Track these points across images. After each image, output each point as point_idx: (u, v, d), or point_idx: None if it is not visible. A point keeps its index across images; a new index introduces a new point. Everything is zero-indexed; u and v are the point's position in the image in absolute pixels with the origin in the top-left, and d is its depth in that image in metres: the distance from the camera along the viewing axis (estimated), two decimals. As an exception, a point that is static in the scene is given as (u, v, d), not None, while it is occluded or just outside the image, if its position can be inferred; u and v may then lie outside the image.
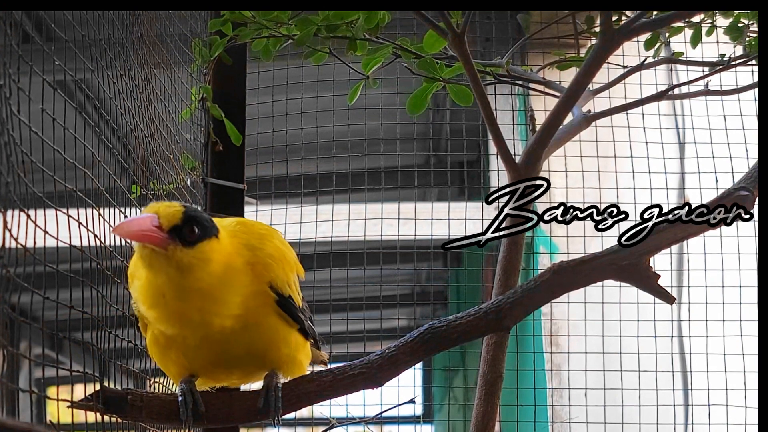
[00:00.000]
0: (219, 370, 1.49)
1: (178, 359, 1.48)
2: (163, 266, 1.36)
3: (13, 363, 1.25)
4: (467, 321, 1.47)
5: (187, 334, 1.43)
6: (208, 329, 1.42)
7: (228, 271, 1.42)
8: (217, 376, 1.51)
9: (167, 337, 1.46)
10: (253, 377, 1.54)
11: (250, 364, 1.50)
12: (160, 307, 1.40)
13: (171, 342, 1.46)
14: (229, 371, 1.50)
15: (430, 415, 5.37)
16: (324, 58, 1.82)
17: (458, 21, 1.56)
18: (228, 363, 1.48)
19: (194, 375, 1.50)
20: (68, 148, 1.43)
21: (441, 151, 4.14)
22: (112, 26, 1.78)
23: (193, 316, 1.40)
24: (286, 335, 1.52)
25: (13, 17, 1.25)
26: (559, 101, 1.65)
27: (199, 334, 1.42)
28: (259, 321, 1.47)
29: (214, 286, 1.40)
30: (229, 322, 1.42)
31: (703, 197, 2.96)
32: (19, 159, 1.24)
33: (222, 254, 1.41)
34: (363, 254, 3.25)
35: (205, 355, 1.46)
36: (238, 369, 1.50)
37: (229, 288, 1.43)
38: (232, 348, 1.45)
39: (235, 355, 1.46)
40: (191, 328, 1.42)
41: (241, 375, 1.53)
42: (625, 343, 2.98)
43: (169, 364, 1.50)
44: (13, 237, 1.19)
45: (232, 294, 1.43)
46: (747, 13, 1.93)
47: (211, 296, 1.40)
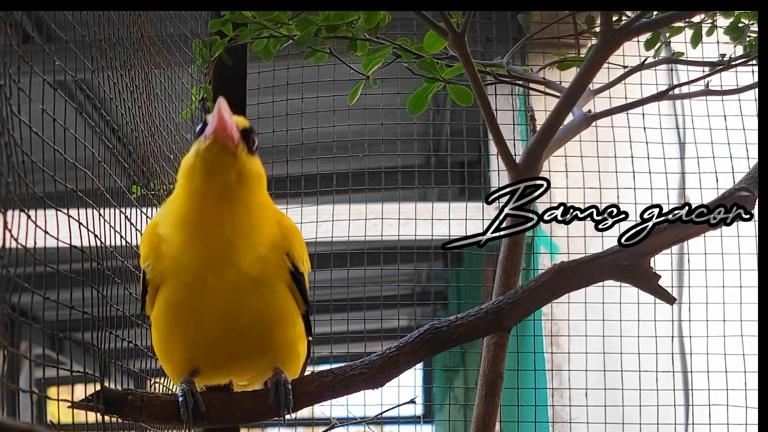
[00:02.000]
0: (223, 352, 1.46)
1: (182, 339, 1.45)
2: (226, 168, 1.38)
3: (13, 363, 1.25)
4: (468, 321, 1.47)
5: (207, 273, 1.41)
6: (229, 268, 1.41)
7: (267, 200, 1.48)
8: (219, 361, 1.47)
9: (176, 307, 1.44)
10: (254, 368, 1.51)
11: (254, 345, 1.46)
12: (195, 221, 1.40)
13: (178, 313, 1.44)
14: (233, 355, 1.46)
15: (431, 416, 5.37)
16: (324, 58, 1.82)
17: (458, 21, 1.56)
18: (234, 338, 1.44)
19: (195, 371, 1.49)
20: (68, 148, 1.44)
21: (441, 152, 4.14)
22: (112, 26, 1.78)
23: (226, 237, 1.40)
24: (294, 315, 1.51)
25: (13, 17, 1.25)
26: (560, 101, 1.65)
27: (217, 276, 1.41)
28: (273, 285, 1.46)
29: (257, 204, 1.44)
30: (251, 262, 1.42)
31: (704, 197, 2.96)
32: (20, 159, 1.24)
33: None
34: (363, 254, 3.25)
35: (211, 329, 1.43)
36: (243, 351, 1.46)
37: (264, 217, 1.46)
38: (242, 314, 1.43)
39: (243, 326, 1.44)
40: (215, 259, 1.40)
41: (244, 359, 1.49)
42: (625, 343, 2.98)
43: (172, 347, 1.48)
44: (13, 237, 1.19)
45: (264, 227, 1.45)
46: (747, 13, 1.92)
47: (249, 213, 1.42)
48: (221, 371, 1.52)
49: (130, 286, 1.82)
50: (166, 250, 1.44)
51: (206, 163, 1.39)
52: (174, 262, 1.44)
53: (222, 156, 1.39)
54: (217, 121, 1.38)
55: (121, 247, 1.78)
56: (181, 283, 1.44)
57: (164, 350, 1.50)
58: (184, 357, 1.48)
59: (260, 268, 1.44)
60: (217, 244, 1.41)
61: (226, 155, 1.39)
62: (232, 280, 1.42)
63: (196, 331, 1.45)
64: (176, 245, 1.43)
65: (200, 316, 1.44)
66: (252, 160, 1.43)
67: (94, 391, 1.38)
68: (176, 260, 1.43)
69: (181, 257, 1.43)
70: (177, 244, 1.43)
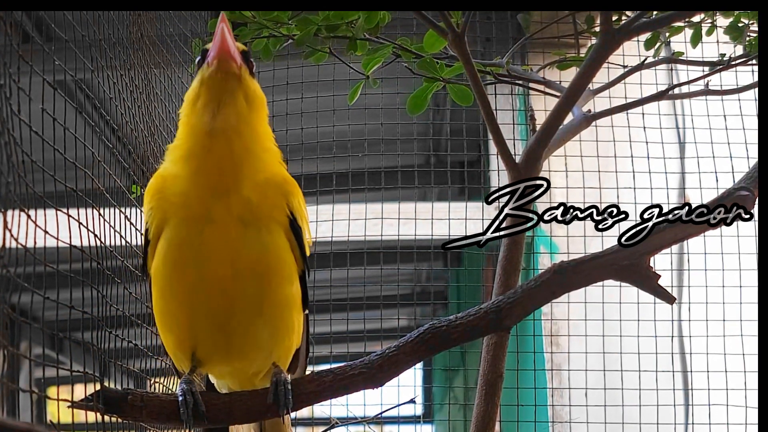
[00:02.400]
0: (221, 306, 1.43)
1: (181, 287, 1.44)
2: (234, 92, 1.40)
3: (13, 363, 1.25)
4: (467, 321, 1.47)
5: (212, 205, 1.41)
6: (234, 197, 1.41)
7: (269, 133, 1.50)
8: (218, 318, 1.45)
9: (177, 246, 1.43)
10: (252, 336, 1.47)
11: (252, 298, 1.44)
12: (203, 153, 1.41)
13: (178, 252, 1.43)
14: (231, 310, 1.44)
15: (431, 415, 5.37)
16: (324, 58, 1.82)
17: (458, 21, 1.56)
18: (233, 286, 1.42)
19: (197, 361, 1.48)
20: (68, 148, 1.44)
21: (441, 151, 4.13)
22: (112, 26, 1.78)
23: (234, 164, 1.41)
24: (292, 268, 1.50)
25: (13, 17, 1.25)
26: (559, 101, 1.65)
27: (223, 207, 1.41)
28: (271, 228, 1.46)
29: (262, 132, 1.46)
30: (252, 190, 1.42)
31: (704, 197, 2.96)
32: (20, 159, 1.24)
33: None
34: (363, 254, 3.25)
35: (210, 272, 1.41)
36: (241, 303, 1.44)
37: (267, 149, 1.48)
38: (241, 254, 1.42)
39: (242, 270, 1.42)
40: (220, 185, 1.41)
41: (242, 317, 1.45)
42: (625, 342, 2.98)
43: (171, 302, 1.46)
44: (13, 237, 1.19)
45: (266, 160, 1.47)
46: (747, 13, 1.92)
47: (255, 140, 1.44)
48: (221, 336, 1.47)
49: (130, 286, 1.82)
50: (171, 187, 1.44)
51: (212, 90, 1.40)
52: (179, 197, 1.43)
53: (227, 80, 1.40)
54: (219, 43, 1.38)
55: (121, 247, 1.78)
56: (184, 217, 1.43)
57: (164, 308, 1.48)
58: (184, 313, 1.45)
59: (259, 196, 1.44)
60: (224, 169, 1.41)
61: (231, 79, 1.40)
62: (235, 208, 1.41)
63: (194, 274, 1.43)
64: (184, 177, 1.43)
65: (200, 254, 1.42)
66: (254, 80, 1.45)
67: (94, 390, 1.38)
68: (182, 193, 1.43)
69: (188, 189, 1.42)
70: (184, 176, 1.43)
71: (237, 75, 1.41)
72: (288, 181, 1.51)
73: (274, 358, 1.51)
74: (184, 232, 1.43)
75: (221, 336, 1.47)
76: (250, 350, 1.50)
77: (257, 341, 1.48)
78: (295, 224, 1.50)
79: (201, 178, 1.42)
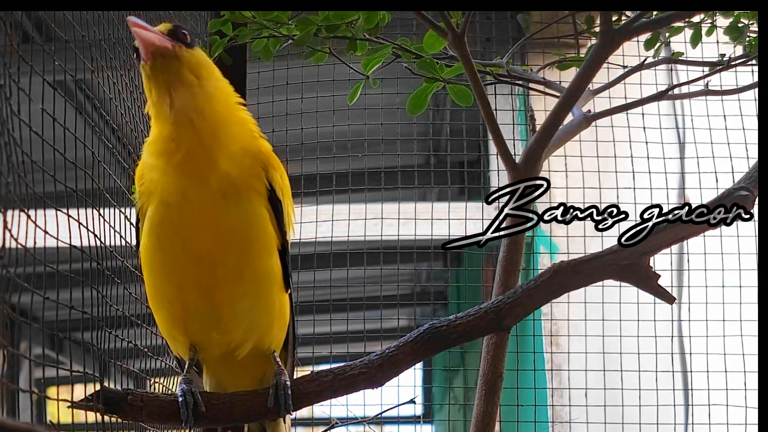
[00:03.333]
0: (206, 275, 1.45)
1: (167, 260, 1.46)
2: (178, 72, 1.43)
3: (13, 363, 1.25)
4: (467, 321, 1.47)
5: (188, 187, 1.43)
6: (209, 173, 1.43)
7: (231, 101, 1.51)
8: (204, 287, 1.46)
9: (158, 225, 1.46)
10: (238, 309, 1.49)
11: (233, 265, 1.46)
12: (171, 145, 1.44)
13: (160, 229, 1.46)
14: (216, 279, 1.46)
15: (431, 415, 5.36)
16: (324, 58, 1.82)
17: (458, 21, 1.56)
18: (215, 254, 1.45)
19: (192, 347, 1.50)
20: (68, 148, 1.44)
21: (441, 151, 4.13)
22: (112, 26, 1.78)
23: (196, 146, 1.43)
24: (271, 239, 1.51)
25: (13, 17, 1.25)
26: (559, 101, 1.64)
27: (198, 185, 1.43)
28: (251, 198, 1.48)
29: (223, 106, 1.48)
30: (228, 164, 1.44)
31: (703, 197, 2.96)
32: (20, 159, 1.24)
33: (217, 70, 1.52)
34: (363, 254, 3.25)
35: (193, 244, 1.44)
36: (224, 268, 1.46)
37: (234, 122, 1.49)
38: (221, 222, 1.44)
39: (222, 235, 1.44)
40: (195, 167, 1.43)
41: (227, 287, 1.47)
42: (625, 343, 2.98)
43: (158, 275, 1.48)
44: (13, 237, 1.19)
45: (234, 131, 1.48)
46: (747, 13, 1.92)
47: (218, 117, 1.46)
48: (209, 308, 1.48)
49: (130, 286, 1.82)
50: (150, 172, 1.48)
51: (158, 80, 1.44)
52: (157, 181, 1.47)
53: (169, 63, 1.43)
54: (140, 39, 1.42)
55: (121, 247, 1.78)
56: (162, 199, 1.46)
57: (154, 285, 1.50)
58: (173, 287, 1.47)
59: (236, 168, 1.46)
60: (192, 148, 1.43)
61: (171, 62, 1.43)
62: (213, 183, 1.44)
63: (178, 251, 1.46)
64: (158, 162, 1.46)
65: (181, 230, 1.45)
66: (194, 51, 1.47)
67: (94, 391, 1.38)
68: (159, 177, 1.46)
69: (162, 171, 1.46)
70: (158, 160, 1.46)
71: (173, 54, 1.43)
72: (263, 151, 1.53)
73: (258, 334, 1.52)
74: (163, 210, 1.46)
75: (209, 307, 1.49)
76: (233, 320, 1.51)
77: (239, 311, 1.50)
78: (273, 196, 1.51)
79: (173, 168, 1.45)
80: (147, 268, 1.51)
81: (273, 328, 1.55)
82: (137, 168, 1.54)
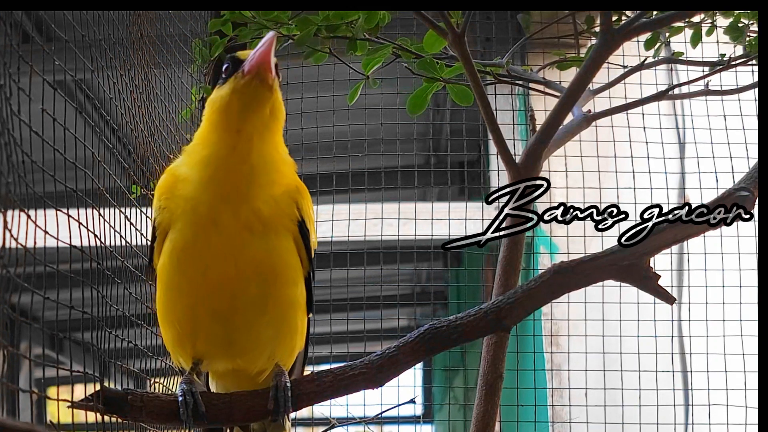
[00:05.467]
0: (224, 304, 1.44)
1: (184, 284, 1.45)
2: (263, 103, 1.43)
3: (13, 363, 1.25)
4: (467, 321, 1.47)
5: (221, 212, 1.42)
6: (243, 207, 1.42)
7: (283, 149, 1.52)
8: (221, 315, 1.46)
9: (181, 249, 1.44)
10: (255, 336, 1.49)
11: (255, 296, 1.45)
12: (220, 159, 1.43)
13: (183, 254, 1.44)
14: (234, 307, 1.45)
15: (431, 415, 5.36)
16: (324, 58, 1.82)
17: (458, 21, 1.56)
18: (236, 285, 1.44)
19: (197, 361, 1.49)
20: (68, 148, 1.44)
21: (441, 151, 4.13)
22: (112, 26, 1.78)
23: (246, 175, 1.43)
24: (297, 271, 1.51)
25: (13, 17, 1.25)
26: (559, 101, 1.65)
27: (231, 214, 1.42)
28: (279, 231, 1.47)
29: (277, 147, 1.49)
30: (263, 203, 1.44)
31: (704, 197, 2.96)
32: (20, 159, 1.24)
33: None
34: (363, 254, 3.25)
35: (214, 272, 1.43)
36: (243, 302, 1.45)
37: (281, 162, 1.50)
38: (246, 255, 1.43)
39: (245, 270, 1.43)
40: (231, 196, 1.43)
41: (244, 316, 1.46)
42: (625, 343, 2.98)
43: (173, 297, 1.47)
44: (13, 237, 1.19)
45: (280, 172, 1.49)
46: (747, 13, 1.92)
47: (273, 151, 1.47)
48: (222, 333, 1.47)
49: (130, 286, 1.82)
50: (182, 189, 1.46)
51: (244, 99, 1.43)
52: (189, 201, 1.45)
53: (261, 91, 1.42)
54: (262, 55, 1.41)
55: (121, 247, 1.78)
56: (191, 222, 1.44)
57: (167, 303, 1.49)
58: (186, 310, 1.46)
59: (272, 208, 1.46)
60: (240, 179, 1.43)
61: (265, 90, 1.43)
62: (243, 217, 1.43)
63: (198, 276, 1.44)
64: (196, 182, 1.45)
65: (205, 257, 1.44)
66: (279, 91, 1.47)
67: (94, 391, 1.38)
68: (192, 198, 1.44)
69: (199, 194, 1.44)
70: (197, 180, 1.45)
71: (270, 86, 1.43)
72: (299, 186, 1.53)
73: (277, 358, 1.51)
74: (190, 235, 1.44)
75: (222, 332, 1.47)
76: (253, 348, 1.50)
77: (260, 340, 1.49)
78: (303, 228, 1.51)
79: (213, 186, 1.44)
80: (162, 287, 1.49)
81: (295, 351, 1.56)
82: (165, 176, 1.51)
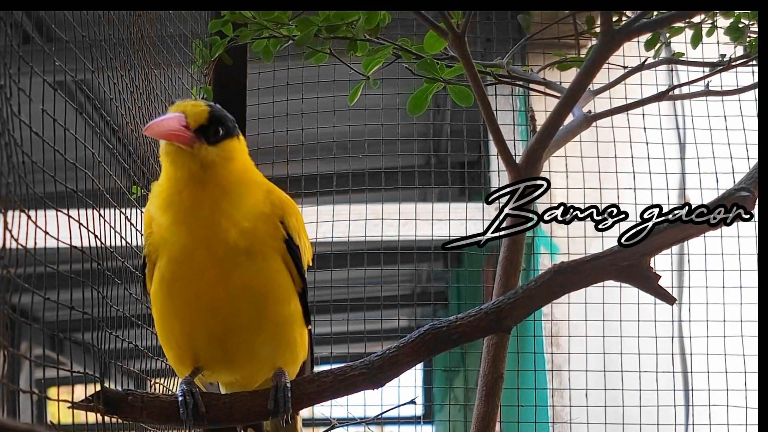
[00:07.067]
0: (219, 326, 1.45)
1: (179, 311, 1.46)
2: (186, 162, 1.42)
3: (13, 364, 1.25)
4: (468, 321, 1.47)
5: (195, 249, 1.43)
6: (216, 243, 1.43)
7: (246, 176, 1.49)
8: (217, 336, 1.46)
9: (169, 280, 1.45)
10: (253, 352, 1.50)
11: (248, 319, 1.46)
12: (176, 205, 1.44)
13: (172, 284, 1.45)
14: (229, 329, 1.46)
15: (431, 416, 5.36)
16: (324, 58, 1.82)
17: (458, 21, 1.56)
18: (228, 309, 1.44)
19: (198, 368, 1.49)
20: (68, 148, 1.44)
21: (441, 152, 4.13)
22: (112, 27, 1.78)
23: (207, 216, 1.42)
24: (288, 288, 1.51)
25: (14, 17, 1.25)
26: (560, 102, 1.65)
27: (205, 251, 1.43)
28: (265, 254, 1.47)
29: (232, 183, 1.46)
30: (237, 235, 1.43)
31: (704, 197, 2.96)
32: (20, 159, 1.24)
33: (243, 155, 1.50)
34: (363, 255, 3.25)
35: (205, 299, 1.44)
36: (237, 324, 1.46)
37: (245, 192, 1.47)
38: (233, 281, 1.43)
39: (234, 294, 1.44)
40: (201, 237, 1.43)
41: (240, 336, 1.47)
42: (625, 343, 2.98)
43: (170, 322, 1.48)
44: (14, 237, 1.19)
45: (245, 201, 1.46)
46: (747, 13, 1.92)
47: (226, 192, 1.44)
48: (220, 353, 1.49)
49: (130, 286, 1.82)
50: (156, 229, 1.48)
51: (169, 157, 1.45)
52: (165, 240, 1.46)
53: (181, 153, 1.43)
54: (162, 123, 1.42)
55: (121, 247, 1.78)
56: (171, 258, 1.46)
57: (164, 328, 1.50)
58: (183, 334, 1.48)
59: (249, 240, 1.45)
60: (200, 224, 1.44)
61: (184, 153, 1.43)
62: (221, 252, 1.43)
63: (190, 303, 1.45)
64: (163, 225, 1.46)
65: (193, 287, 1.45)
66: (216, 149, 1.44)
67: (94, 391, 1.38)
68: (165, 238, 1.46)
69: (170, 235, 1.46)
70: (164, 224, 1.46)
71: (188, 152, 1.42)
72: (278, 203, 1.52)
73: (279, 367, 1.52)
74: (176, 268, 1.46)
75: (221, 352, 1.49)
76: (253, 364, 1.53)
77: (259, 357, 1.51)
78: (291, 245, 1.51)
79: (178, 229, 1.45)
80: (157, 312, 1.51)
81: (297, 361, 1.57)
82: (146, 212, 1.53)
